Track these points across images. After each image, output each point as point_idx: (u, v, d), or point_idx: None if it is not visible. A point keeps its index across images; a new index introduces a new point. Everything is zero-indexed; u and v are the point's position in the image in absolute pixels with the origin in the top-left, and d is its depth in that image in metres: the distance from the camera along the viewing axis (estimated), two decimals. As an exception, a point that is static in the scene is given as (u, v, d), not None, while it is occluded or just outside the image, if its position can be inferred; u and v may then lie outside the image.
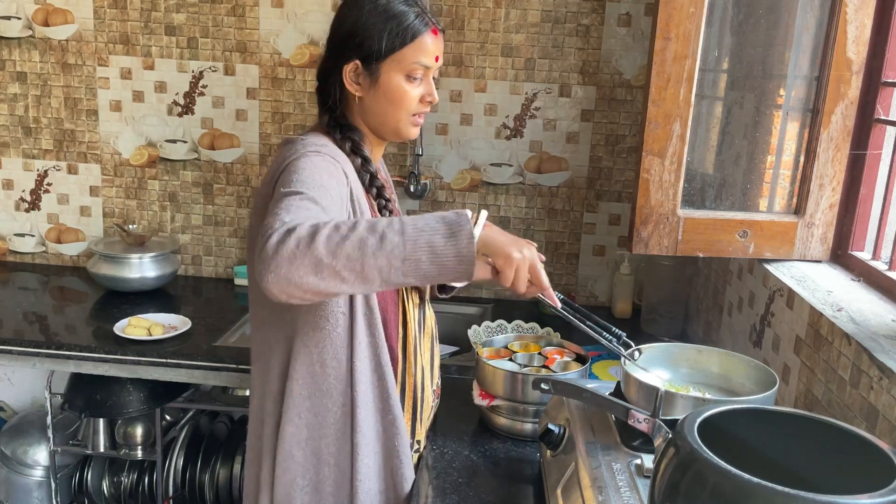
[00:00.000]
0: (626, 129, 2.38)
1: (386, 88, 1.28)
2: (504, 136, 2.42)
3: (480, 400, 1.57)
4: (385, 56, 1.26)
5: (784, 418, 0.90)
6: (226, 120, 2.50)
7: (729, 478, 0.73)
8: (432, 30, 1.28)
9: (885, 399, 1.11)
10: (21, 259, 2.67)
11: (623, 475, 1.06)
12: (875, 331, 1.25)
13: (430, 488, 1.37)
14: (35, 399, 2.63)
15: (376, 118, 1.32)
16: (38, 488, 2.34)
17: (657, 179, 1.64)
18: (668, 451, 0.83)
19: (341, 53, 1.29)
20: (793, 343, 1.47)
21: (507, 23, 2.34)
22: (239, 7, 2.40)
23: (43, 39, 2.48)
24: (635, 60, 2.33)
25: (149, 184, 2.56)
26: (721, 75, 1.75)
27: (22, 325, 2.15)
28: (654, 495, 0.84)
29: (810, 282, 1.54)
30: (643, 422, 1.05)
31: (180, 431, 2.30)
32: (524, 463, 1.48)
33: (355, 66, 1.28)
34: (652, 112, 1.60)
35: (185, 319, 2.14)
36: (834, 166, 1.61)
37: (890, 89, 1.55)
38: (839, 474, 0.84)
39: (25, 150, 2.57)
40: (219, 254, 2.61)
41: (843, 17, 1.53)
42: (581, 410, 1.28)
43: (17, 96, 2.53)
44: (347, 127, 1.32)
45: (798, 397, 1.43)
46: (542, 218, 2.46)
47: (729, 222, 1.66)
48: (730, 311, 1.90)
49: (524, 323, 2.20)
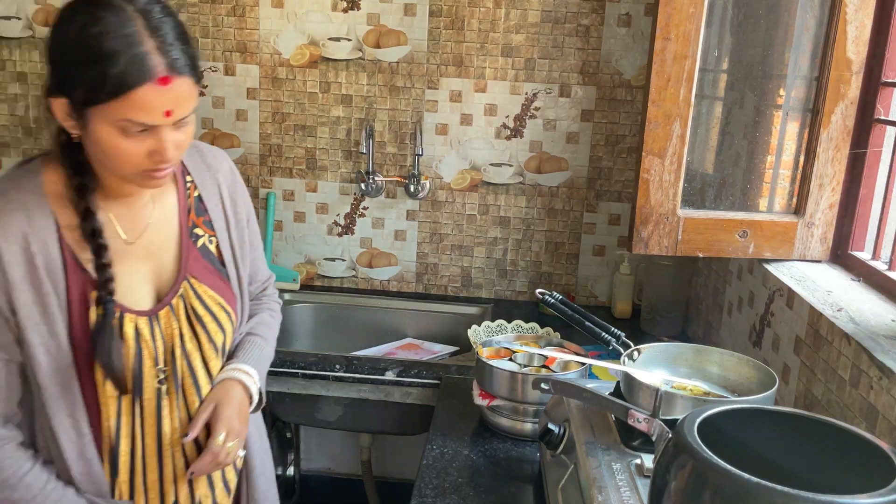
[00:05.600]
0: (626, 129, 2.38)
1: (97, 140, 1.00)
2: (504, 136, 2.42)
3: (480, 400, 1.57)
4: (94, 104, 0.97)
5: (784, 418, 0.90)
6: (226, 120, 2.50)
7: (729, 478, 0.73)
8: (158, 79, 0.97)
9: (885, 399, 1.11)
10: (21, 259, 2.67)
11: (623, 475, 1.06)
12: (875, 331, 1.25)
13: (430, 488, 1.37)
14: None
15: (101, 165, 1.06)
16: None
17: (657, 179, 1.64)
18: (668, 451, 0.83)
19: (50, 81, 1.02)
20: (793, 343, 1.47)
21: (507, 23, 2.34)
22: (239, 7, 2.40)
23: (43, 39, 2.48)
24: (635, 60, 2.34)
25: (149, 184, 2.56)
26: (721, 75, 1.75)
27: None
28: (653, 495, 0.84)
29: (810, 282, 1.54)
30: (643, 422, 1.05)
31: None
32: (524, 463, 1.48)
33: (62, 103, 1.00)
34: (652, 112, 1.61)
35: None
36: (834, 166, 1.61)
37: (890, 89, 1.55)
38: (839, 474, 0.84)
39: (25, 150, 2.57)
40: (219, 254, 2.61)
41: (843, 17, 1.53)
42: (581, 410, 1.28)
43: (18, 96, 2.53)
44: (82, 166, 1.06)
45: (798, 397, 1.43)
46: (542, 218, 2.46)
47: (729, 222, 1.66)
48: (730, 311, 1.90)
49: (524, 323, 2.20)
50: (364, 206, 2.50)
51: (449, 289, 2.53)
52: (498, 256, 2.49)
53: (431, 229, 2.50)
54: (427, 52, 2.37)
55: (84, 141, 1.04)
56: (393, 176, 2.45)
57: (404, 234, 2.51)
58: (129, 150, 1.01)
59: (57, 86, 1.00)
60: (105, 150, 1.01)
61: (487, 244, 2.48)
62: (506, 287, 2.51)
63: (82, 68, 0.96)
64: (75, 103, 0.99)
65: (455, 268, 2.51)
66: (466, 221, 2.48)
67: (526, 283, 2.50)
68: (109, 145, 1.00)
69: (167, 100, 0.99)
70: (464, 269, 2.51)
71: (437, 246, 2.50)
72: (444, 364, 1.99)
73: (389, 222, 2.51)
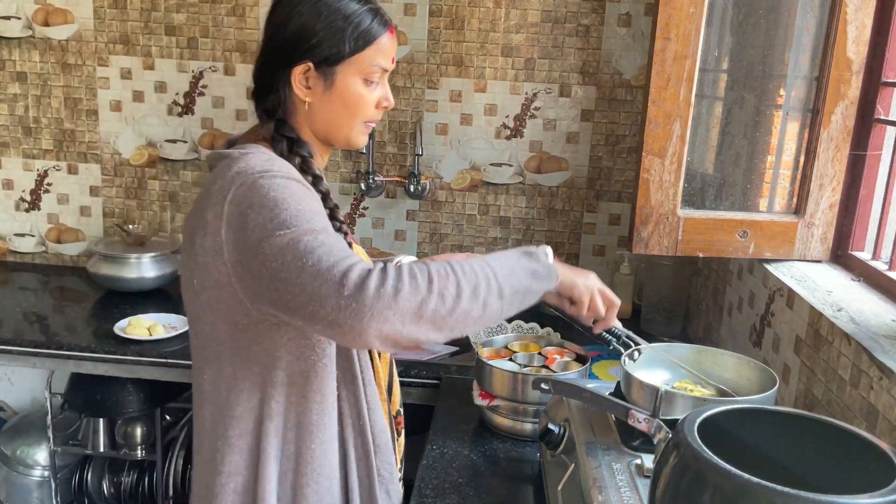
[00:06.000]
0: (626, 129, 2.38)
1: (342, 93, 1.17)
2: (504, 136, 2.42)
3: (480, 400, 1.57)
4: (343, 59, 1.14)
5: (784, 418, 0.90)
6: (226, 120, 2.50)
7: (729, 478, 0.73)
8: (389, 29, 1.19)
9: (885, 399, 1.11)
10: (21, 259, 2.67)
11: (623, 475, 1.06)
12: (875, 331, 1.25)
13: (430, 488, 1.37)
14: (35, 399, 2.63)
15: (326, 125, 1.20)
16: (38, 488, 2.34)
17: (657, 179, 1.64)
18: (668, 451, 0.83)
19: (290, 55, 1.15)
20: (793, 343, 1.47)
21: (507, 23, 2.34)
22: (239, 7, 2.40)
23: (43, 39, 2.48)
24: (635, 60, 2.33)
25: (149, 184, 2.57)
26: (721, 75, 1.75)
27: (22, 325, 2.15)
28: (654, 495, 0.84)
29: (810, 282, 1.54)
30: (643, 422, 1.05)
31: (180, 431, 2.30)
32: (524, 463, 1.48)
33: (306, 68, 1.15)
34: (652, 112, 1.61)
35: (184, 319, 2.13)
36: (834, 166, 1.61)
37: (890, 89, 1.55)
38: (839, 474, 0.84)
39: (25, 150, 2.57)
40: (219, 254, 2.61)
41: (843, 17, 1.53)
42: (581, 410, 1.28)
43: (17, 96, 2.53)
44: (296, 141, 1.18)
45: (798, 397, 1.43)
46: (542, 218, 2.46)
47: (729, 222, 1.66)
48: (730, 311, 1.90)
49: (524, 323, 2.20)
50: (364, 206, 2.50)
51: (449, 289, 2.53)
52: (498, 256, 2.48)
53: (431, 229, 2.50)
54: (427, 52, 2.37)
55: (315, 104, 1.17)
56: (393, 176, 2.45)
57: (404, 235, 2.51)
58: (367, 98, 1.18)
59: (299, 55, 1.14)
60: (348, 101, 1.17)
61: (487, 244, 2.47)
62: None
63: (334, 29, 1.13)
64: (323, 64, 1.14)
65: (455, 268, 2.51)
66: (466, 221, 2.48)
67: (526, 283, 2.50)
68: (354, 94, 1.17)
69: (393, 47, 1.20)
70: (464, 269, 2.51)
71: (437, 246, 2.50)
72: (444, 364, 1.99)
73: (389, 222, 2.51)
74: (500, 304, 1.03)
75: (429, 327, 0.97)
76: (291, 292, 0.97)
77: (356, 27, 1.14)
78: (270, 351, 1.11)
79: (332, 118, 1.19)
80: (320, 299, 0.94)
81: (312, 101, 1.17)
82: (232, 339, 1.11)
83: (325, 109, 1.18)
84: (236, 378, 1.13)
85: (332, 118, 1.19)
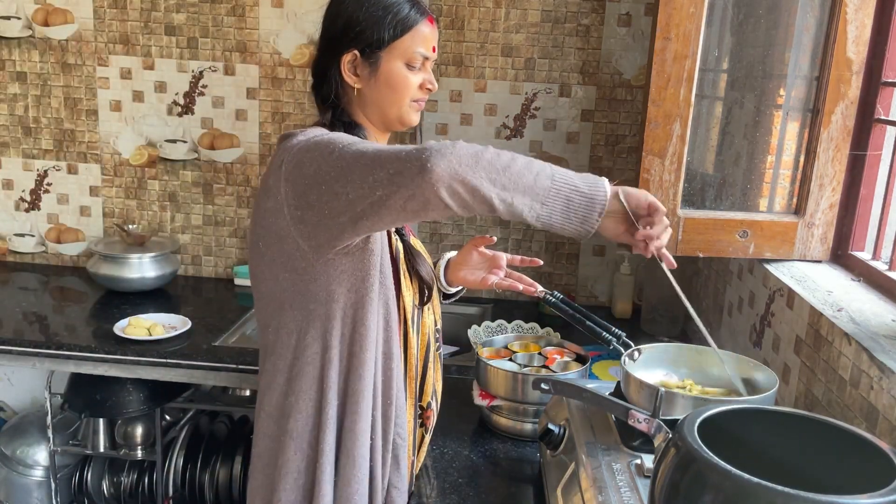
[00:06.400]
0: (626, 129, 2.38)
1: (387, 76, 1.27)
2: (504, 136, 2.42)
3: (480, 400, 1.57)
4: (385, 45, 1.26)
5: (784, 418, 0.90)
6: (226, 120, 2.50)
7: (729, 478, 0.73)
8: (428, 18, 1.29)
9: (885, 399, 1.11)
10: (21, 259, 2.67)
11: (623, 475, 1.06)
12: (875, 331, 1.25)
13: (430, 488, 1.37)
14: (35, 399, 2.63)
15: (378, 108, 1.31)
16: (38, 488, 2.34)
17: (657, 179, 1.64)
18: (668, 451, 0.83)
19: (339, 45, 1.27)
20: (793, 343, 1.47)
21: (507, 23, 2.34)
22: (239, 7, 2.40)
23: (43, 39, 2.48)
24: (635, 60, 2.33)
25: (149, 184, 2.57)
26: (721, 75, 1.75)
27: (22, 325, 2.15)
28: (654, 495, 0.84)
29: (810, 282, 1.54)
30: (643, 422, 1.05)
31: (180, 431, 2.30)
32: (524, 463, 1.48)
33: (353, 56, 1.26)
34: (652, 112, 1.60)
35: (185, 319, 2.14)
36: (834, 166, 1.61)
37: (890, 89, 1.55)
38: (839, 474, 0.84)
39: (25, 150, 2.57)
40: (219, 254, 2.61)
41: (843, 17, 1.53)
42: (581, 410, 1.28)
43: (17, 96, 2.53)
44: (351, 124, 1.30)
45: (798, 397, 1.43)
46: (542, 218, 2.46)
47: (729, 222, 1.66)
48: (730, 311, 1.90)
49: (524, 323, 2.20)
50: (364, 206, 2.50)
51: (449, 289, 2.53)
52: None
53: (431, 229, 2.50)
54: (427, 52, 2.37)
55: (364, 90, 1.29)
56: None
57: (404, 234, 2.51)
58: (411, 80, 1.29)
59: (347, 44, 1.26)
60: (394, 84, 1.28)
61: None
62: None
63: (377, 19, 1.25)
64: (368, 50, 1.26)
65: (455, 268, 2.51)
66: (466, 221, 2.48)
67: (526, 283, 2.50)
68: (399, 77, 1.28)
69: (433, 36, 1.30)
70: (464, 269, 2.51)
71: (438, 246, 2.50)
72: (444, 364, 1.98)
73: (389, 222, 2.50)
74: (550, 184, 1.07)
75: (484, 175, 1.03)
76: (353, 179, 1.07)
77: (395, 15, 1.25)
78: (325, 286, 1.21)
79: (381, 101, 1.30)
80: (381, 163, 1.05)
81: (361, 86, 1.29)
82: (293, 285, 1.23)
83: (373, 93, 1.29)
84: (297, 320, 1.24)
85: (380, 101, 1.30)
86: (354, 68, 1.28)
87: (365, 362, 1.23)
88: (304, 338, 1.24)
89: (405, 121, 1.33)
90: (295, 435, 1.24)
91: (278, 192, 1.17)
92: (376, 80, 1.28)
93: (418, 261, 1.33)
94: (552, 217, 1.08)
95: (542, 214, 1.07)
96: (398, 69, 1.27)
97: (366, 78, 1.28)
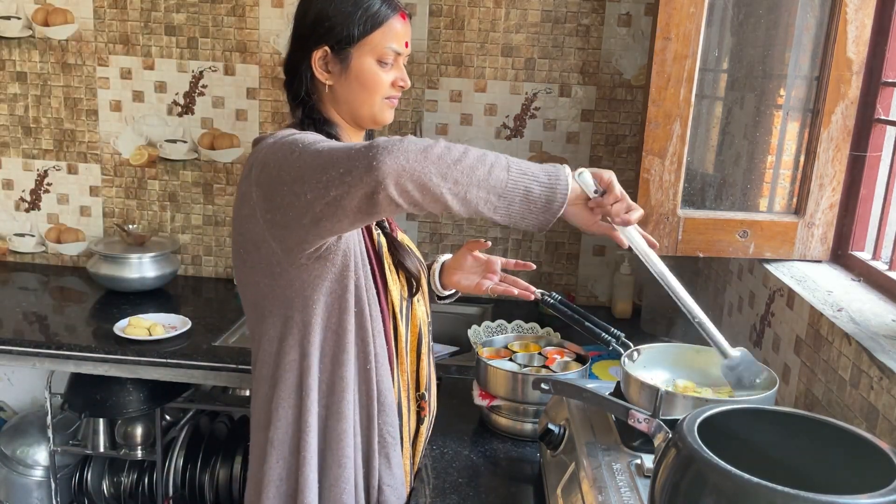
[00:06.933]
0: (626, 129, 2.38)
1: (358, 73, 1.25)
2: (504, 136, 2.42)
3: (480, 400, 1.57)
4: (356, 41, 1.24)
5: (784, 418, 0.90)
6: (226, 120, 2.50)
7: (729, 478, 0.73)
8: (400, 14, 1.27)
9: (885, 399, 1.11)
10: (21, 259, 2.67)
11: (623, 475, 1.06)
12: (875, 331, 1.25)
13: (430, 488, 1.37)
14: (35, 399, 2.63)
15: (349, 105, 1.29)
16: (38, 488, 2.34)
17: (657, 179, 1.64)
18: (668, 451, 0.83)
19: (309, 42, 1.26)
20: (793, 343, 1.47)
21: (507, 23, 2.34)
22: (239, 7, 2.40)
23: (43, 39, 2.48)
24: (635, 60, 2.33)
25: (149, 184, 2.57)
26: (721, 75, 1.74)
27: (22, 325, 2.15)
28: (654, 495, 0.84)
29: (810, 282, 1.54)
30: (643, 422, 1.05)
31: (180, 431, 2.30)
32: (524, 463, 1.48)
33: (324, 52, 1.25)
34: (652, 112, 1.60)
35: (185, 319, 2.14)
36: (834, 166, 1.61)
37: (890, 89, 1.55)
38: (839, 474, 0.84)
39: (25, 150, 2.57)
40: (219, 254, 2.61)
41: (843, 17, 1.53)
42: (581, 410, 1.28)
43: (17, 96, 2.53)
44: (322, 121, 1.28)
45: (798, 397, 1.43)
46: (542, 218, 2.45)
47: (729, 222, 1.66)
48: (730, 311, 1.90)
49: (524, 323, 2.20)
50: (364, 206, 2.50)
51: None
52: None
53: (431, 229, 2.50)
54: (427, 52, 2.37)
55: (336, 86, 1.27)
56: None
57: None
58: (381, 77, 1.26)
59: (316, 40, 1.25)
60: (364, 81, 1.26)
61: (487, 244, 2.47)
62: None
63: (347, 14, 1.23)
64: (338, 47, 1.24)
65: (455, 268, 2.51)
66: (466, 221, 2.48)
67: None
68: (370, 74, 1.26)
69: (405, 32, 1.28)
70: (464, 269, 2.51)
71: (438, 246, 2.50)
72: (444, 364, 1.98)
73: (389, 222, 2.50)
74: (506, 175, 1.05)
75: (434, 170, 1.01)
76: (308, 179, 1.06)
77: (365, 11, 1.23)
78: (301, 292, 1.21)
79: (352, 98, 1.28)
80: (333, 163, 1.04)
81: (333, 83, 1.27)
82: (271, 291, 1.22)
83: (344, 90, 1.27)
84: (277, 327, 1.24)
85: (352, 98, 1.28)
86: (325, 65, 1.26)
87: (344, 364, 1.23)
88: (283, 345, 1.24)
89: (378, 119, 1.31)
90: (276, 443, 1.24)
91: (251, 198, 1.16)
92: (347, 77, 1.26)
93: (402, 254, 1.33)
94: (511, 209, 1.06)
95: (500, 206, 1.05)
96: (369, 66, 1.25)
97: (337, 74, 1.26)
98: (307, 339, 1.22)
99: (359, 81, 1.26)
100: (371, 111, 1.29)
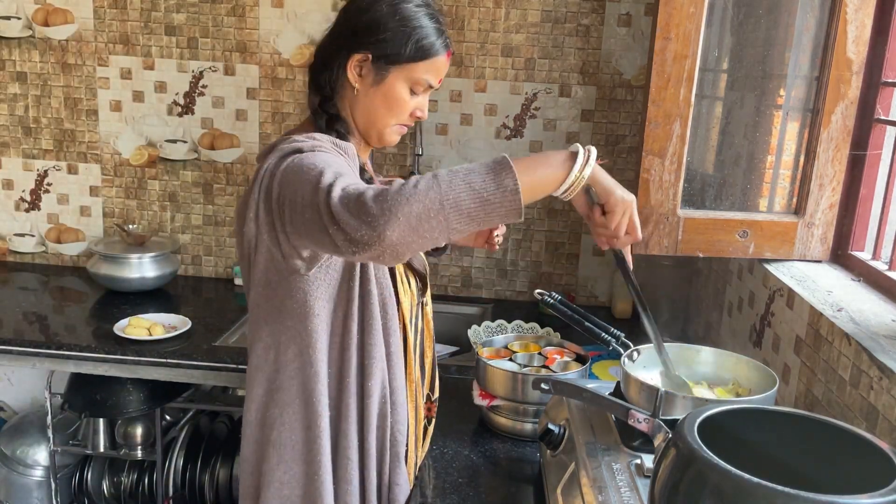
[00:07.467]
0: (626, 129, 2.38)
1: (388, 91, 1.25)
2: (504, 136, 2.42)
3: (480, 400, 1.57)
4: (400, 63, 1.23)
5: (784, 418, 0.90)
6: (226, 120, 2.50)
7: (729, 478, 0.73)
8: (448, 53, 1.28)
9: (885, 399, 1.11)
10: (21, 259, 2.67)
11: (623, 475, 1.06)
12: (875, 331, 1.25)
13: (430, 488, 1.37)
14: (35, 399, 2.63)
15: (366, 117, 1.28)
16: (38, 488, 2.34)
17: (657, 179, 1.64)
18: (668, 451, 0.83)
19: (355, 42, 1.24)
20: (793, 343, 1.47)
21: (507, 23, 2.34)
22: (239, 7, 2.40)
23: (43, 39, 2.48)
24: (635, 60, 2.33)
25: (149, 184, 2.57)
26: (721, 75, 1.74)
27: (22, 325, 2.15)
28: (654, 495, 0.84)
29: (810, 282, 1.54)
30: (643, 422, 1.05)
31: (180, 431, 2.30)
32: (524, 463, 1.48)
33: (365, 58, 1.23)
34: (652, 112, 1.60)
35: (185, 319, 2.14)
36: (834, 166, 1.61)
37: (890, 89, 1.55)
38: (839, 474, 0.84)
39: (25, 150, 2.57)
40: (219, 254, 2.61)
41: (843, 17, 1.53)
42: (581, 410, 1.28)
43: (17, 96, 2.53)
44: (335, 117, 1.28)
45: (798, 397, 1.43)
46: (542, 218, 2.46)
47: (729, 222, 1.66)
48: (730, 311, 1.90)
49: (524, 323, 2.20)
50: (364, 206, 2.50)
51: (449, 289, 2.53)
52: (498, 256, 2.49)
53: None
54: (427, 52, 2.37)
55: (361, 93, 1.26)
56: (393, 176, 2.45)
57: (404, 234, 2.51)
58: (407, 104, 1.26)
59: (362, 44, 1.23)
60: (390, 101, 1.25)
61: (487, 244, 2.48)
62: (506, 287, 2.51)
63: (403, 35, 1.21)
64: (382, 60, 1.23)
65: (455, 268, 2.51)
66: (466, 221, 2.48)
67: (526, 283, 2.50)
68: (398, 97, 1.25)
69: (445, 70, 1.29)
70: (464, 268, 2.51)
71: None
72: (444, 364, 1.98)
73: (389, 222, 2.50)
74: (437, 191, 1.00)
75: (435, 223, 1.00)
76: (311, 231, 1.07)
77: (421, 38, 1.22)
78: (302, 302, 1.21)
79: (372, 111, 1.27)
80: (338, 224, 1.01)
81: (360, 89, 1.26)
82: (266, 300, 1.23)
83: (367, 101, 1.27)
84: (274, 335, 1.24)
85: (372, 111, 1.27)
86: (360, 69, 1.25)
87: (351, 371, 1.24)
88: (284, 354, 1.24)
89: (384, 139, 1.31)
90: (278, 445, 1.25)
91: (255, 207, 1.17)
92: (376, 90, 1.25)
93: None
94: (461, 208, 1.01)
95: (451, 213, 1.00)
96: (400, 90, 1.25)
97: (367, 83, 1.25)
98: (313, 348, 1.22)
99: (385, 99, 1.25)
100: (382, 130, 1.29)
